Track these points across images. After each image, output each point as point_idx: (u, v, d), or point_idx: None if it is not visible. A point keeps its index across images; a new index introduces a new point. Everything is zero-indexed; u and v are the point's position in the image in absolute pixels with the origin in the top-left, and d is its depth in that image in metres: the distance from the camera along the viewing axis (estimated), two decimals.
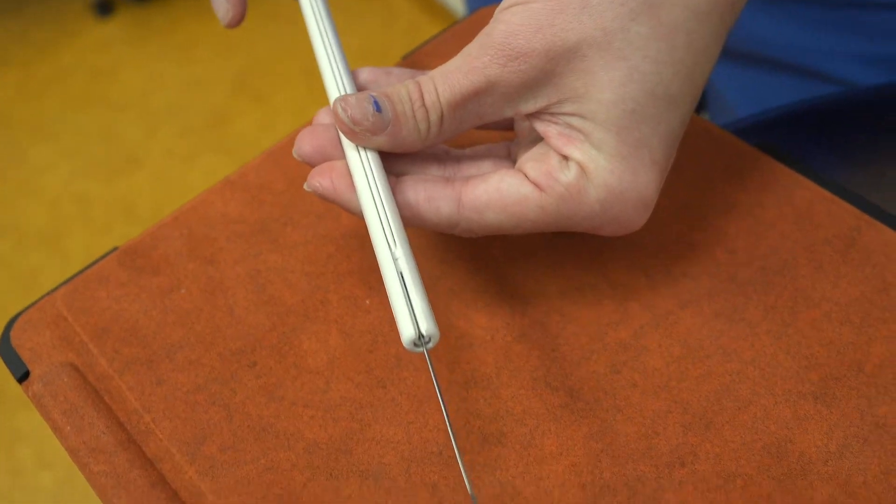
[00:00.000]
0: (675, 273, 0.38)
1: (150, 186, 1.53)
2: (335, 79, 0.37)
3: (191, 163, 1.56)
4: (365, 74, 0.38)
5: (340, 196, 0.34)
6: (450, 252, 0.40)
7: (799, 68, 0.51)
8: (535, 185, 0.33)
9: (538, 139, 0.35)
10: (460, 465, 0.29)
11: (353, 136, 0.33)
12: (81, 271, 0.41)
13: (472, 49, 0.33)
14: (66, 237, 1.48)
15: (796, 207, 0.40)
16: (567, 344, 0.37)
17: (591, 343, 0.36)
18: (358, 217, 0.34)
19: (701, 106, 0.59)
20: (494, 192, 0.33)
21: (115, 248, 0.41)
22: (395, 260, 0.31)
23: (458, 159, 0.37)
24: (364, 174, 0.33)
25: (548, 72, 0.32)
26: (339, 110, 0.33)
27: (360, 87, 0.38)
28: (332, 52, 0.38)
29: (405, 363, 0.36)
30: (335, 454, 0.34)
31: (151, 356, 0.38)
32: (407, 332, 0.30)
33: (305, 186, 0.34)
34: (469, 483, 0.29)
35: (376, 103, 0.33)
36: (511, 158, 0.37)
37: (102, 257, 0.41)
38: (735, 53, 0.55)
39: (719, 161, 0.42)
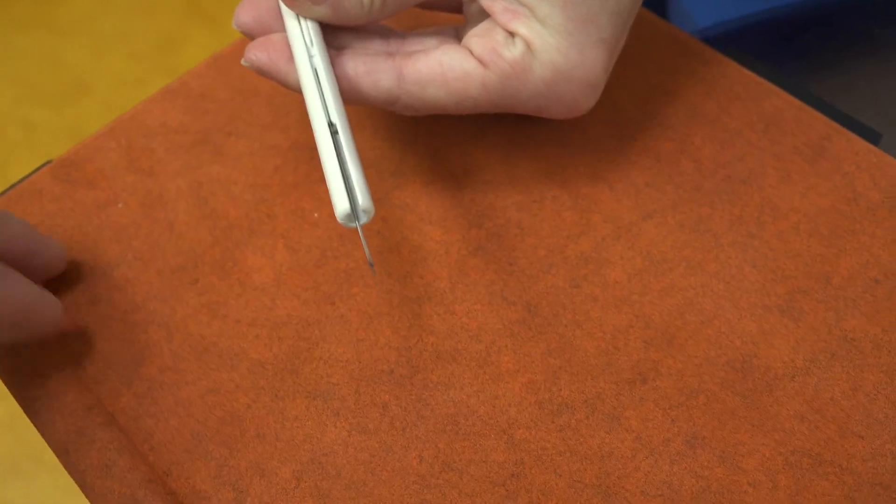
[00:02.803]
0: (639, 183, 0.36)
1: (98, 113, 1.48)
2: None
3: (141, 88, 1.52)
4: None
5: (278, 69, 0.33)
6: (397, 137, 0.38)
7: None
8: (479, 60, 0.32)
9: (483, 17, 0.34)
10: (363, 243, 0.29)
11: (292, 5, 0.32)
12: (13, 186, 0.38)
13: None
14: (10, 165, 1.43)
15: (764, 116, 0.38)
16: (525, 257, 0.35)
17: (550, 256, 0.35)
18: (296, 91, 0.33)
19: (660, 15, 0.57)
20: (436, 66, 0.32)
21: (49, 162, 0.39)
22: (332, 133, 0.30)
23: (403, 35, 0.35)
24: (303, 45, 0.32)
25: None
26: None
27: None
28: None
29: (355, 279, 0.35)
30: (281, 374, 0.33)
31: (86, 274, 0.35)
32: (341, 204, 0.29)
33: (242, 61, 0.33)
34: (368, 252, 0.29)
35: None
36: (458, 39, 0.35)
37: (35, 171, 0.38)
38: None
39: (685, 68, 0.40)
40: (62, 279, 0.35)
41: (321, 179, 0.37)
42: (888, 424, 0.31)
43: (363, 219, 0.29)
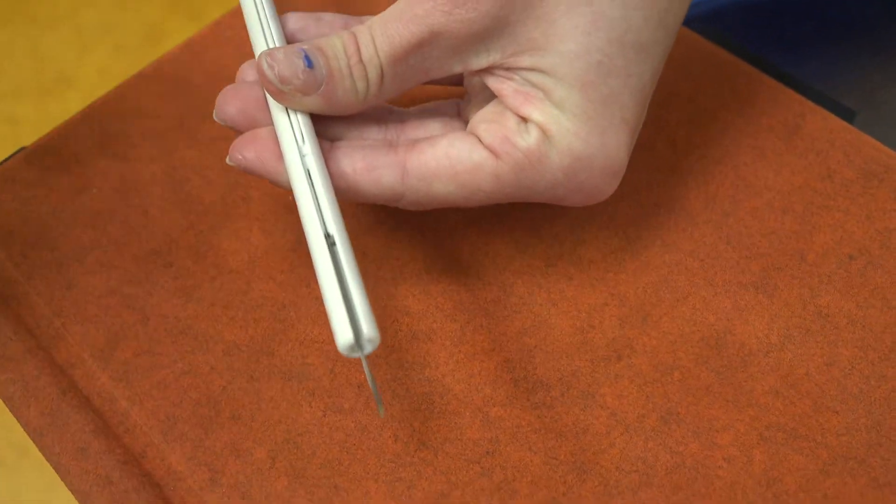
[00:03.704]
0: None
1: (83, 107, 1.47)
2: (261, 27, 0.32)
3: None
4: (293, 21, 0.33)
5: (267, 169, 0.30)
6: None
7: None
8: (490, 150, 0.29)
9: (492, 97, 0.31)
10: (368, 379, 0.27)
11: (280, 97, 0.29)
12: None
13: None
14: None
15: (739, 95, 0.38)
16: (500, 238, 0.35)
17: (526, 237, 0.35)
18: (288, 190, 0.30)
19: None
20: (443, 159, 0.29)
21: (23, 148, 0.38)
22: (329, 245, 0.27)
23: (402, 119, 0.32)
24: (294, 142, 0.29)
25: (500, 19, 0.28)
26: (265, 67, 0.29)
27: (289, 37, 0.33)
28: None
29: None
30: (256, 356, 0.33)
31: (61, 259, 0.35)
32: (344, 336, 0.25)
33: (228, 160, 0.30)
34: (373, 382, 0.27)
35: (307, 58, 0.28)
36: (462, 118, 0.33)
37: (9, 157, 0.38)
38: None
39: None
40: (37, 263, 0.35)
41: None
42: (862, 399, 0.31)
43: (367, 349, 0.26)
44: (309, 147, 0.29)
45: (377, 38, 0.29)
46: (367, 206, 0.36)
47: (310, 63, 0.29)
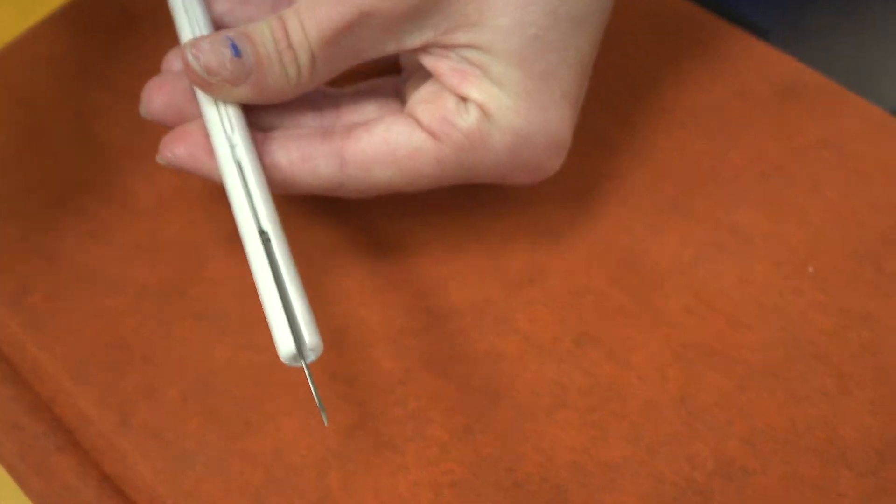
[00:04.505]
0: None
1: None
2: (185, 11, 0.30)
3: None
4: (220, 4, 0.32)
5: (199, 166, 0.28)
6: None
7: None
8: (429, 133, 0.28)
9: (429, 75, 0.30)
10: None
11: (208, 89, 0.27)
12: None
13: None
14: None
15: (656, 19, 0.37)
16: None
17: None
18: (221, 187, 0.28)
19: None
20: (382, 145, 0.28)
21: None
22: (264, 241, 0.26)
23: (337, 102, 0.31)
24: (223, 134, 0.27)
25: None
26: (190, 58, 0.27)
27: (216, 21, 0.31)
28: None
29: None
30: (167, 297, 0.32)
31: None
32: (285, 345, 0.24)
33: (158, 159, 0.29)
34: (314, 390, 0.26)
35: (234, 46, 0.27)
36: (400, 97, 0.31)
37: None
38: None
39: None
40: None
41: None
42: (778, 314, 0.31)
43: (310, 357, 0.24)
44: (239, 138, 0.27)
45: (305, 22, 0.27)
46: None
47: (237, 51, 0.27)
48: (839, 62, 0.37)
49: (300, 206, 0.34)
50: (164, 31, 0.39)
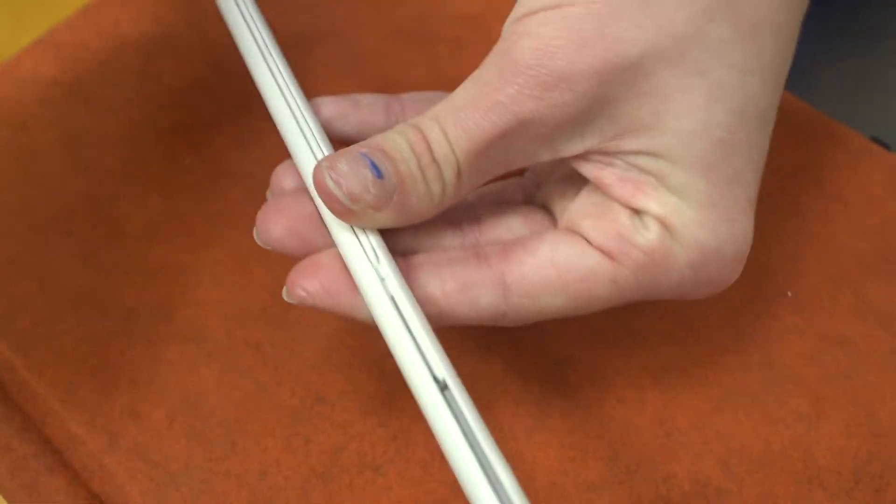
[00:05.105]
0: None
1: None
2: (295, 119, 0.27)
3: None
4: (328, 107, 0.29)
5: (339, 303, 0.24)
6: None
7: None
8: (603, 252, 0.25)
9: (572, 179, 0.27)
10: None
11: (349, 217, 0.24)
12: None
13: (488, 75, 0.24)
14: None
15: None
16: None
17: None
18: (366, 324, 0.25)
19: None
20: (549, 269, 0.25)
21: None
22: (442, 391, 0.22)
23: (476, 216, 0.27)
24: (369, 265, 0.24)
25: (600, 99, 0.23)
26: (330, 183, 0.23)
27: (324, 127, 0.28)
28: (286, 83, 0.29)
29: (232, 222, 0.35)
30: (154, 321, 0.33)
31: None
32: None
33: (285, 296, 0.25)
34: None
35: (374, 165, 0.23)
36: (533, 202, 0.29)
37: None
38: None
39: None
40: None
41: (195, 125, 0.37)
42: (755, 337, 0.32)
43: None
44: (388, 270, 0.24)
45: (450, 133, 0.24)
46: None
47: (378, 172, 0.24)
48: (818, 88, 0.37)
49: None
50: (150, 54, 0.39)
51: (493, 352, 0.31)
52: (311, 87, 0.35)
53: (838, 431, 0.30)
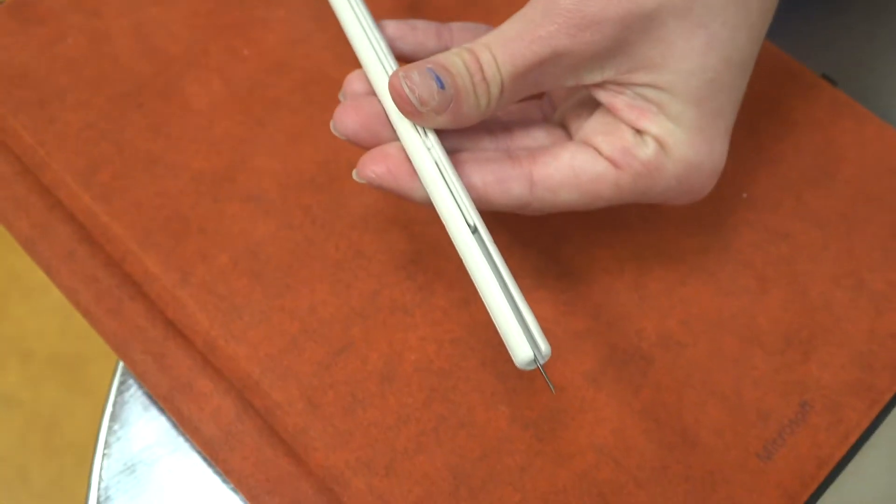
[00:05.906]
0: None
1: None
2: (367, 38, 0.33)
3: None
4: (391, 29, 0.35)
5: (401, 185, 0.31)
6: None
7: None
8: (611, 161, 0.31)
9: (584, 103, 0.34)
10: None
11: (417, 117, 0.30)
12: None
13: (533, 14, 0.30)
14: None
15: None
16: None
17: None
18: (422, 205, 0.31)
19: None
20: (568, 170, 0.31)
21: (2, 1, 0.43)
22: (494, 269, 0.29)
23: (507, 127, 0.34)
24: (430, 159, 0.30)
25: (620, 41, 0.30)
26: (406, 89, 0.29)
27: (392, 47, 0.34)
28: (358, 5, 0.34)
29: (283, 104, 0.40)
30: (219, 182, 0.39)
31: (42, 98, 0.40)
32: (524, 353, 0.28)
33: (356, 176, 0.31)
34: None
35: (438, 78, 0.29)
36: (552, 121, 0.35)
37: None
38: None
39: None
40: (21, 101, 0.40)
41: (252, 23, 0.43)
42: (716, 227, 0.38)
43: (541, 361, 0.28)
44: (438, 152, 0.30)
45: (499, 58, 0.30)
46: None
47: (441, 84, 0.29)
48: (785, 31, 0.44)
49: None
50: None
51: (503, 225, 0.38)
52: None
53: (777, 305, 0.37)
